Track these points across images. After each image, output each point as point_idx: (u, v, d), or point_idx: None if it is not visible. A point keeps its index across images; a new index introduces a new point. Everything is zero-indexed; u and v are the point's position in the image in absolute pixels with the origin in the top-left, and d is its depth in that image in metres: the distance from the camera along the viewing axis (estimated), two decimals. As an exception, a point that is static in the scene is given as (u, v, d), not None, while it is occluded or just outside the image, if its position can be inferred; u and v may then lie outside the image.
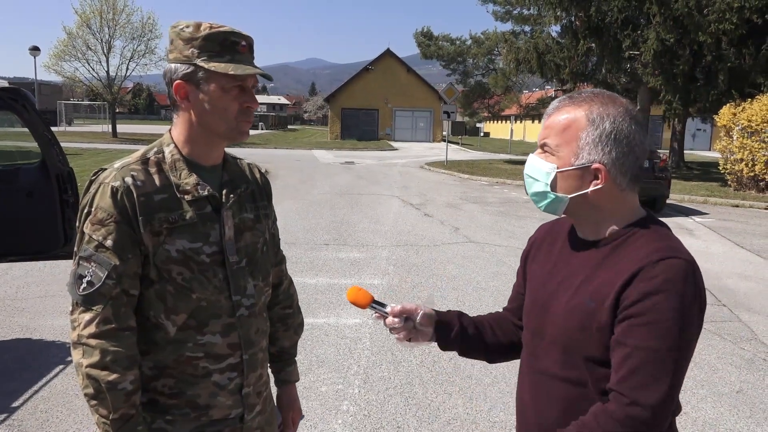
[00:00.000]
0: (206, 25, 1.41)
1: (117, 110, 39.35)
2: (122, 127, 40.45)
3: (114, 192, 1.37)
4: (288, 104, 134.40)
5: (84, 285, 1.37)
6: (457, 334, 1.50)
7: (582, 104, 1.27)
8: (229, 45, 1.42)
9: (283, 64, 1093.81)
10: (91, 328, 1.36)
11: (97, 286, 1.36)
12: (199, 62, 1.39)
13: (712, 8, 16.54)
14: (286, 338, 1.82)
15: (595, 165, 1.24)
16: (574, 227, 1.38)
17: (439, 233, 9.69)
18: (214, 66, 1.39)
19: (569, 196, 1.28)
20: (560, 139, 1.27)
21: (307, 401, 3.86)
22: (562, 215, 1.35)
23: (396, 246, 8.59)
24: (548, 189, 1.29)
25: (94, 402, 1.36)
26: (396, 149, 36.32)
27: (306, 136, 54.31)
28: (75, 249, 1.42)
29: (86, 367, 1.35)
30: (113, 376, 1.35)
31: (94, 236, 1.37)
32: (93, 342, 1.35)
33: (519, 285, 1.56)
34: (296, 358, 1.88)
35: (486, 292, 6.39)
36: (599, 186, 1.25)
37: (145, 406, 1.46)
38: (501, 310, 1.65)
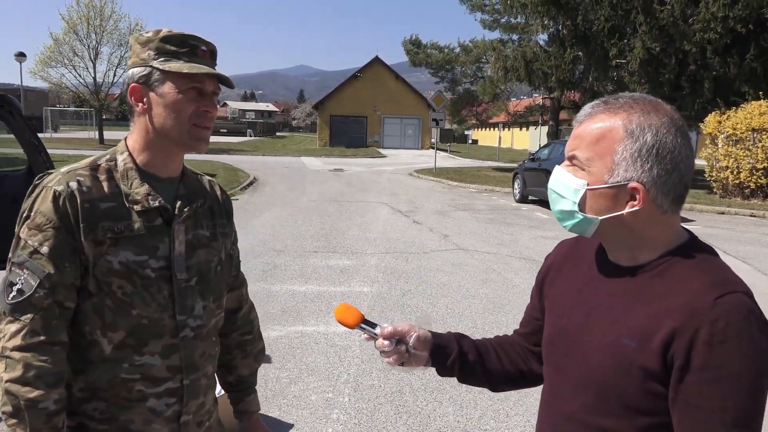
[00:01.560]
0: (166, 30, 1.38)
1: (104, 117, 39.10)
2: (109, 134, 40.12)
3: (56, 196, 1.29)
4: (276, 111, 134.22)
5: (13, 293, 1.26)
6: (455, 360, 1.36)
7: (619, 112, 1.10)
8: (188, 47, 1.37)
9: (271, 70, 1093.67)
10: (17, 340, 1.24)
11: (27, 295, 1.26)
12: (155, 64, 1.34)
13: (697, 18, 16.75)
14: (245, 366, 1.71)
15: (633, 184, 1.08)
16: (602, 247, 1.22)
17: (428, 240, 9.70)
18: (169, 66, 1.33)
19: (601, 217, 1.12)
20: (592, 151, 1.11)
21: (296, 410, 3.84)
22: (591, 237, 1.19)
23: (385, 253, 8.58)
24: (576, 208, 1.13)
25: (12, 421, 1.24)
26: (385, 156, 36.37)
27: (294, 143, 54.23)
28: (9, 255, 1.32)
29: (6, 381, 1.23)
30: (35, 393, 1.23)
31: (29, 242, 1.28)
32: (17, 355, 1.24)
33: (534, 308, 1.41)
34: (258, 385, 1.74)
35: (475, 299, 6.39)
36: (636, 208, 1.09)
37: (72, 430, 1.36)
38: (511, 332, 1.51)
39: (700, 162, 26.82)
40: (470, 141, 49.20)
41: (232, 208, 1.64)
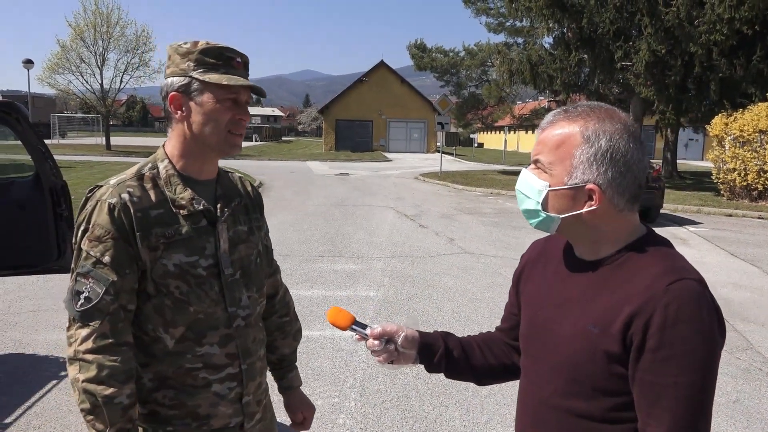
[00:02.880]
0: (203, 42, 1.48)
1: (111, 123, 39.31)
2: (116, 140, 40.37)
3: (111, 209, 1.40)
4: (282, 116, 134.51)
5: (81, 301, 1.39)
6: (442, 356, 1.45)
7: (577, 119, 1.20)
8: (225, 59, 1.47)
9: (277, 75, 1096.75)
10: (88, 344, 1.37)
11: (94, 302, 1.38)
12: (195, 75, 1.44)
13: (702, 19, 16.70)
14: (286, 345, 1.85)
15: (589, 185, 1.17)
16: (569, 245, 1.31)
17: (434, 244, 9.69)
18: (209, 77, 1.43)
19: (561, 216, 1.21)
20: (553, 156, 1.20)
21: (302, 415, 3.83)
22: (555, 233, 1.29)
23: (391, 257, 8.58)
24: (539, 207, 1.23)
25: (90, 417, 1.37)
26: (390, 160, 36.39)
27: (300, 147, 54.36)
28: (72, 265, 1.44)
29: (83, 381, 1.36)
30: (110, 390, 1.36)
31: (91, 253, 1.40)
32: (90, 357, 1.37)
33: (512, 305, 1.51)
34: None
35: (482, 303, 6.38)
36: (594, 207, 1.18)
37: (146, 417, 1.49)
38: (494, 329, 1.60)
39: (706, 164, 26.75)
40: (476, 144, 49.23)
41: (262, 203, 1.76)
